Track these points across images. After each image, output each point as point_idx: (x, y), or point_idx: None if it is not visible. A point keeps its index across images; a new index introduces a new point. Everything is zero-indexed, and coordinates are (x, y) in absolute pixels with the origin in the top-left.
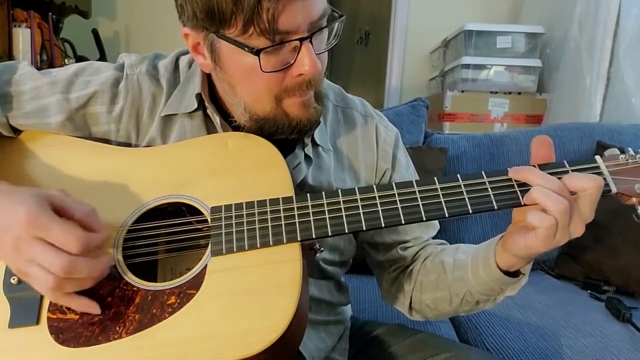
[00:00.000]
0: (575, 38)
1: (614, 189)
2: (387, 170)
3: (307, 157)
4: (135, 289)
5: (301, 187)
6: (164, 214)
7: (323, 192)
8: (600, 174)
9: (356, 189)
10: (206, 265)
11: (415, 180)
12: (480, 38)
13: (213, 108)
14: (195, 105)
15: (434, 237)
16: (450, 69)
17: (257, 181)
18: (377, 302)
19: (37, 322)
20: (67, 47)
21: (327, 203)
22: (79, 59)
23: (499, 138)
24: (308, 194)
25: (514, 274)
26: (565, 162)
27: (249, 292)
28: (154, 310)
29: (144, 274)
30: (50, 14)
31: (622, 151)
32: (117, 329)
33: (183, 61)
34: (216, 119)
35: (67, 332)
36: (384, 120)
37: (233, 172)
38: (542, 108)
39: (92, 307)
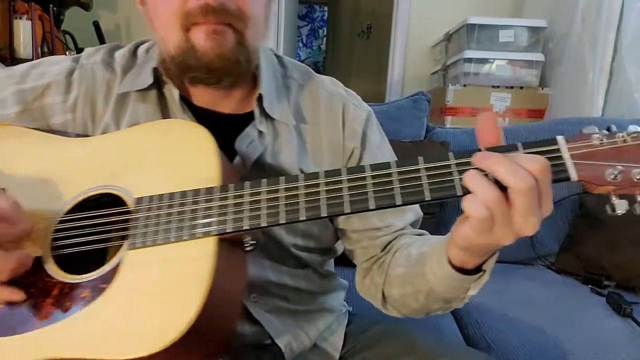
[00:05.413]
0: (578, 32)
1: (573, 176)
2: (354, 149)
3: (261, 133)
4: (54, 281)
5: (261, 166)
6: (100, 205)
7: (263, 180)
8: (559, 157)
9: (300, 175)
10: (122, 258)
11: (388, 161)
12: (483, 32)
13: (170, 82)
14: (151, 81)
15: (420, 227)
16: (453, 63)
17: (188, 170)
18: None
19: None
20: (68, 39)
21: (250, 193)
22: (80, 51)
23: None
24: (237, 183)
25: (476, 270)
26: (519, 144)
27: (155, 289)
28: (67, 304)
29: (93, 266)
30: (51, 5)
31: (609, 129)
32: (32, 320)
33: (142, 48)
34: (174, 94)
35: None
36: (354, 99)
37: (165, 160)
38: (544, 102)
39: (14, 295)
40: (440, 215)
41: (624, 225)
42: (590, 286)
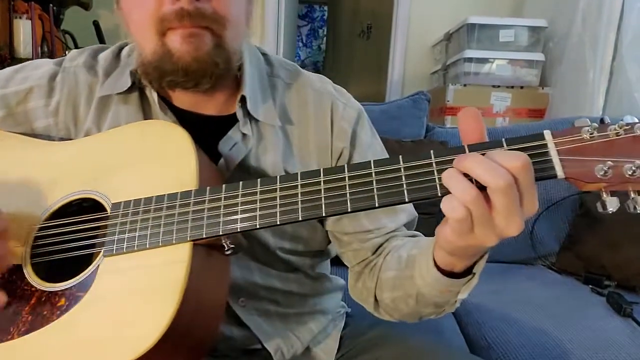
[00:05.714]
0: (579, 32)
1: (560, 173)
2: (344, 149)
3: (245, 135)
4: (33, 289)
5: (245, 169)
6: (82, 209)
7: (240, 183)
8: (545, 153)
9: (277, 177)
10: (98, 266)
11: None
12: (483, 31)
13: (149, 84)
14: (129, 84)
15: (418, 228)
16: (453, 63)
17: (165, 171)
18: None
19: None
20: (68, 38)
21: (226, 197)
22: None
23: (501, 132)
24: (213, 187)
25: (466, 273)
26: (503, 140)
27: (130, 296)
28: (45, 312)
29: (74, 273)
30: (50, 5)
31: (602, 121)
32: (11, 329)
33: (125, 50)
34: (153, 96)
35: None
36: (344, 97)
37: (144, 162)
38: (545, 102)
39: None
40: (439, 215)
41: (625, 224)
42: (590, 286)
